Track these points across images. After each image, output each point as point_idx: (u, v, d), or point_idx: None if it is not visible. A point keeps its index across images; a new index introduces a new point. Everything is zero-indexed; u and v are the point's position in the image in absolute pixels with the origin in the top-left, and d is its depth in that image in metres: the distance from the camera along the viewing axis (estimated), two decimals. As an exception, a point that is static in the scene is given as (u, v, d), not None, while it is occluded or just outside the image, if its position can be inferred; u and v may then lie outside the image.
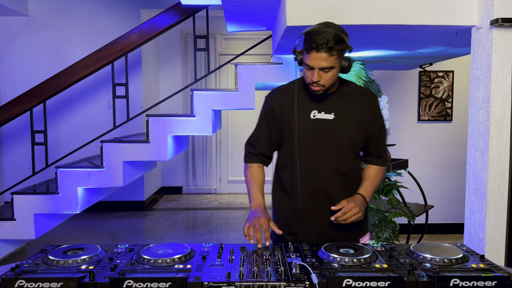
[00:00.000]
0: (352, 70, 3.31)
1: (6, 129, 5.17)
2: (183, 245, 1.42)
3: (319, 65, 1.55)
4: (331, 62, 1.55)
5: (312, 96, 1.69)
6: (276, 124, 1.73)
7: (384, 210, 2.93)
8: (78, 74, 3.57)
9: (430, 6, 2.19)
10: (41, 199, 3.43)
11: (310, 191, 1.70)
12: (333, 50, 1.53)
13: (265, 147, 1.79)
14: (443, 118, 4.57)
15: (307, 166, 1.69)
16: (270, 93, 1.80)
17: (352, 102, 1.70)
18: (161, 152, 3.49)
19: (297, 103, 1.68)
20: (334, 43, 1.52)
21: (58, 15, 5.31)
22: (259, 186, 1.75)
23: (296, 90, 1.70)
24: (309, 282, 1.15)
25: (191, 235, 4.80)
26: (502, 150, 2.12)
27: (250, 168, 1.79)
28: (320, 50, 1.52)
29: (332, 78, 1.61)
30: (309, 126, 1.67)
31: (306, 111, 1.69)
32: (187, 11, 3.62)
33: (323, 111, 1.67)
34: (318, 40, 1.52)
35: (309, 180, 1.70)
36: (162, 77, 6.53)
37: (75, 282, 1.13)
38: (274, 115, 1.73)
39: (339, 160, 1.69)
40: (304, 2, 2.21)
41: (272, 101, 1.75)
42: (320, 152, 1.68)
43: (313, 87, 1.62)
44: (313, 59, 1.55)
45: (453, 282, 1.15)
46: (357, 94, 1.73)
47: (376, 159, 1.80)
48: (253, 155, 1.81)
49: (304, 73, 1.63)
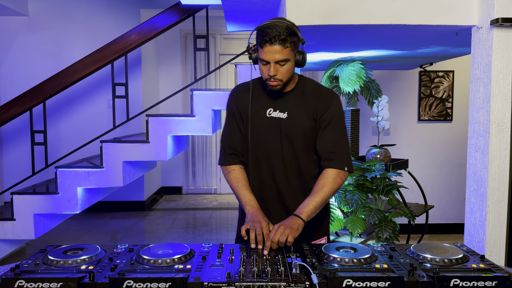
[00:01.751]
0: (352, 70, 3.31)
1: (6, 129, 5.17)
2: (183, 245, 1.41)
3: (274, 58, 1.56)
4: (285, 55, 1.56)
5: (269, 94, 1.70)
6: (241, 120, 1.75)
7: (384, 210, 2.93)
8: (78, 74, 3.57)
9: (430, 6, 2.19)
10: (41, 199, 3.43)
11: (262, 189, 1.72)
12: (287, 42, 1.55)
13: (240, 145, 1.76)
14: (443, 118, 4.57)
15: (260, 164, 1.71)
16: (233, 90, 1.81)
17: (306, 101, 1.69)
18: (161, 152, 3.49)
19: (253, 101, 1.70)
20: (286, 35, 1.54)
21: (58, 15, 5.31)
22: (248, 188, 1.70)
23: (251, 88, 1.72)
24: (309, 282, 1.15)
25: (191, 235, 4.80)
26: (502, 150, 2.12)
27: (233, 172, 1.74)
28: (273, 42, 1.54)
29: (288, 71, 1.61)
30: (263, 124, 1.69)
31: (262, 108, 1.70)
32: (187, 11, 3.62)
33: (278, 110, 1.69)
34: (271, 33, 1.54)
35: (262, 178, 1.72)
36: (162, 77, 6.52)
37: (75, 282, 1.13)
38: (238, 112, 1.75)
39: (291, 159, 1.69)
40: (304, 2, 2.21)
41: (234, 99, 1.77)
42: (273, 151, 1.69)
43: (270, 82, 1.62)
44: (267, 53, 1.56)
45: (453, 282, 1.15)
46: (313, 92, 1.71)
47: (329, 162, 1.66)
48: (231, 156, 1.76)
49: (261, 69, 1.64)
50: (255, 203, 1.65)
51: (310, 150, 1.71)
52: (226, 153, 1.77)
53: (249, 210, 1.62)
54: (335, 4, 2.20)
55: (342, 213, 3.15)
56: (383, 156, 3.40)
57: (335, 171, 1.65)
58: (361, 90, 3.47)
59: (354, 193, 2.89)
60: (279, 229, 1.44)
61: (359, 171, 3.05)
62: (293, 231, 1.45)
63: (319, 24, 2.22)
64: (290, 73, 1.62)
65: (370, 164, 3.05)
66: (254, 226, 1.50)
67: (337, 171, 1.65)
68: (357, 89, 3.31)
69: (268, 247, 1.40)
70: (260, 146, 1.71)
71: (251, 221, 1.54)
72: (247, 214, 1.61)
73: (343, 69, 3.39)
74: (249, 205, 1.64)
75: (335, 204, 3.06)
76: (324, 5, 2.20)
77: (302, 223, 1.52)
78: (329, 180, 1.63)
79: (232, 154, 1.76)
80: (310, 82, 1.75)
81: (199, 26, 3.93)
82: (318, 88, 1.73)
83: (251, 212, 1.60)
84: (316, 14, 2.20)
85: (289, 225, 1.47)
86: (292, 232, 1.44)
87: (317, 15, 2.20)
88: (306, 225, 1.56)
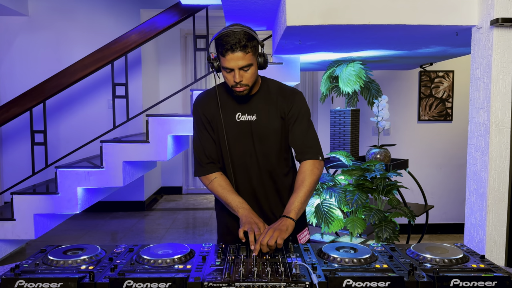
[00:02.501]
0: (352, 70, 3.31)
1: (6, 129, 5.17)
2: (183, 245, 1.41)
3: (237, 65, 1.58)
4: (248, 60, 1.58)
5: (236, 99, 1.72)
6: (211, 128, 1.76)
7: (384, 210, 2.93)
8: (78, 74, 3.57)
9: (430, 6, 2.19)
10: (41, 199, 3.43)
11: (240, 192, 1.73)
12: (247, 48, 1.57)
13: (215, 153, 1.77)
14: (443, 118, 4.57)
15: (236, 168, 1.74)
16: (196, 101, 1.81)
17: (272, 101, 1.72)
18: (161, 152, 3.49)
19: (222, 107, 1.72)
20: (246, 41, 1.56)
21: (58, 15, 5.31)
22: (235, 193, 1.71)
23: (218, 95, 1.73)
24: (309, 282, 1.15)
25: (191, 235, 4.80)
26: (503, 150, 2.12)
27: (215, 180, 1.73)
28: (235, 50, 1.55)
29: (253, 76, 1.63)
30: (234, 129, 1.72)
31: (231, 114, 1.72)
32: (187, 11, 3.62)
33: (246, 113, 1.71)
34: (230, 41, 1.55)
35: (237, 181, 1.75)
36: (162, 77, 6.53)
37: (75, 282, 1.13)
38: (207, 120, 1.76)
39: (265, 160, 1.73)
40: (304, 2, 2.21)
41: (201, 108, 1.77)
42: (248, 154, 1.73)
43: (237, 88, 1.64)
44: (230, 61, 1.57)
45: (453, 282, 1.15)
46: (277, 92, 1.74)
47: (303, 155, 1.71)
48: (209, 165, 1.76)
49: (225, 77, 1.65)
50: (247, 205, 1.66)
51: (282, 148, 1.76)
52: (204, 163, 1.76)
53: (242, 213, 1.63)
54: (335, 4, 2.20)
55: (342, 213, 3.15)
56: (383, 156, 3.40)
57: (310, 162, 1.69)
58: (361, 90, 3.47)
59: (354, 193, 2.89)
60: (268, 232, 1.46)
61: (359, 171, 3.05)
62: (282, 232, 1.46)
63: (319, 24, 2.22)
64: (254, 77, 1.65)
65: (370, 164, 3.05)
66: (252, 228, 1.51)
67: (312, 162, 1.70)
68: (357, 89, 3.31)
69: (257, 250, 1.41)
70: (234, 151, 1.73)
71: (248, 223, 1.55)
72: (240, 217, 1.62)
73: (342, 69, 3.39)
74: (241, 208, 1.65)
75: (335, 204, 3.06)
76: (324, 5, 2.20)
77: (292, 222, 1.54)
78: (307, 174, 1.67)
79: (210, 163, 1.76)
80: (273, 82, 1.79)
81: (199, 26, 3.93)
82: (281, 87, 1.77)
83: (244, 214, 1.61)
84: (316, 14, 2.20)
85: (277, 227, 1.49)
86: (281, 234, 1.45)
87: (317, 15, 2.20)
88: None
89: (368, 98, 3.53)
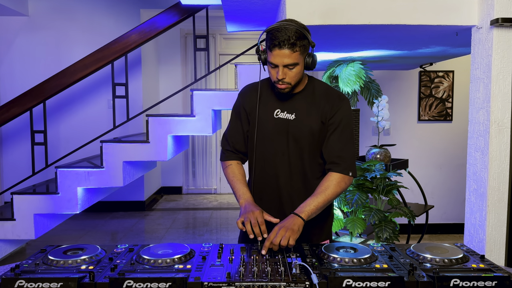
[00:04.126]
0: (352, 70, 3.31)
1: (6, 129, 5.17)
2: (183, 245, 1.41)
3: (282, 62, 1.55)
4: (294, 59, 1.55)
5: (278, 95, 1.69)
6: (247, 120, 1.75)
7: (384, 210, 2.93)
8: (78, 74, 3.58)
9: (430, 6, 2.19)
10: (41, 199, 3.43)
11: (262, 189, 1.72)
12: (296, 46, 1.53)
13: (240, 143, 1.77)
14: (443, 118, 4.57)
15: (265, 165, 1.71)
16: (242, 90, 1.81)
17: (315, 103, 1.67)
18: (161, 152, 3.49)
19: (261, 101, 1.70)
20: (296, 39, 1.52)
21: (58, 15, 5.31)
22: (243, 182, 1.71)
23: (259, 89, 1.71)
24: (309, 282, 1.15)
25: (191, 235, 4.80)
26: (502, 150, 2.12)
27: (230, 167, 1.76)
28: (282, 46, 1.52)
29: (297, 75, 1.60)
30: (270, 125, 1.69)
31: (270, 109, 1.69)
32: (187, 11, 3.63)
33: (286, 111, 1.68)
34: (280, 36, 1.52)
35: (264, 178, 1.72)
36: (162, 77, 6.53)
37: (75, 282, 1.13)
38: (244, 112, 1.75)
39: (297, 160, 1.69)
40: (304, 2, 2.21)
41: (242, 99, 1.77)
42: (280, 151, 1.69)
43: (279, 85, 1.61)
44: (276, 57, 1.55)
45: (453, 282, 1.15)
46: (322, 94, 1.69)
47: (334, 166, 1.65)
48: (229, 152, 1.78)
49: (269, 72, 1.63)
50: (248, 196, 1.66)
51: (316, 152, 1.70)
52: (225, 149, 1.79)
53: (242, 203, 1.63)
54: (335, 4, 2.20)
55: (342, 213, 3.15)
56: (383, 156, 3.40)
57: (339, 175, 1.63)
58: (361, 90, 3.47)
59: (354, 193, 2.89)
60: (280, 231, 1.43)
61: (359, 171, 3.05)
62: (294, 233, 1.44)
63: (319, 24, 2.22)
64: (298, 76, 1.61)
65: (370, 164, 3.05)
66: (248, 217, 1.51)
67: (341, 176, 1.63)
68: (357, 89, 3.31)
69: (266, 247, 1.40)
70: (266, 147, 1.70)
71: (245, 213, 1.55)
72: (241, 207, 1.63)
73: (342, 69, 3.39)
74: (243, 198, 1.65)
75: (335, 204, 3.06)
76: (324, 5, 2.20)
77: (302, 222, 1.51)
78: (333, 183, 1.61)
79: (230, 151, 1.78)
80: (320, 83, 1.73)
81: (199, 26, 3.93)
82: (328, 90, 1.71)
83: (244, 205, 1.61)
84: (316, 14, 2.20)
85: (289, 226, 1.46)
86: (293, 235, 1.43)
87: (317, 15, 2.20)
88: (308, 227, 1.56)
89: (368, 98, 3.53)
